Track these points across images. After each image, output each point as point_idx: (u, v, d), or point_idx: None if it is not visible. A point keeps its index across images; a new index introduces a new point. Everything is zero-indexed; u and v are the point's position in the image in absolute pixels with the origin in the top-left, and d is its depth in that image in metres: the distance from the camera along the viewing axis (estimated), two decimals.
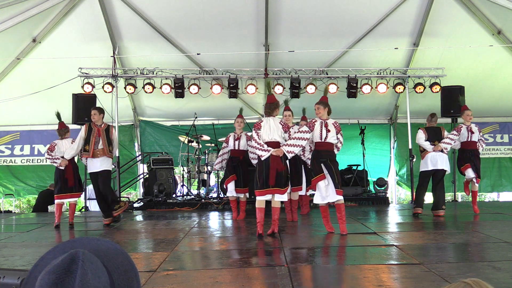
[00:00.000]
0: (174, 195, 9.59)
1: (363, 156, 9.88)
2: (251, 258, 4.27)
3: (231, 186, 7.14)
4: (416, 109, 10.18)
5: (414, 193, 8.02)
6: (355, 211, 7.69)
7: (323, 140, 5.37)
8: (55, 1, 8.29)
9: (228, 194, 7.34)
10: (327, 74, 9.54)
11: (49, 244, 5.33)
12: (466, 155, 6.99)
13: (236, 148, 7.10)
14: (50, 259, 0.73)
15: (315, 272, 3.79)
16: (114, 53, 9.15)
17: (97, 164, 6.48)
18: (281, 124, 5.40)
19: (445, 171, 6.73)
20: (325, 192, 5.32)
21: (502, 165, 11.36)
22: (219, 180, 9.31)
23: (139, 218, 7.81)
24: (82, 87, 8.96)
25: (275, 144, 5.30)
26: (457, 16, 8.76)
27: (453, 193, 10.20)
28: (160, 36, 9.14)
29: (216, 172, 9.42)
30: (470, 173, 6.93)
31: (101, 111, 6.73)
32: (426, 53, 9.46)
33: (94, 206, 10.37)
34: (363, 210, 7.99)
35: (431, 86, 9.36)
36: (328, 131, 5.38)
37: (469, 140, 6.97)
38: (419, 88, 9.41)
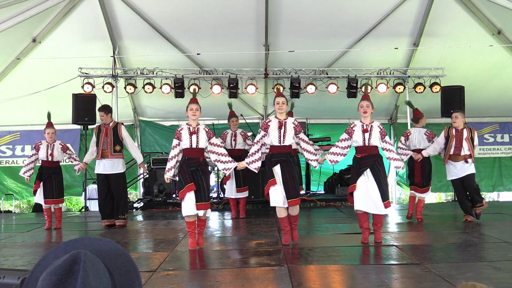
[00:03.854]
0: (174, 195, 9.59)
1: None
2: (251, 258, 4.27)
3: (229, 186, 7.12)
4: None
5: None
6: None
7: (280, 144, 4.72)
8: (55, 1, 8.28)
9: (226, 195, 7.33)
10: (327, 74, 9.54)
11: (49, 244, 5.33)
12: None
13: (233, 147, 7.04)
14: (51, 259, 0.73)
15: (315, 272, 3.79)
16: (114, 53, 9.15)
17: (106, 166, 6.31)
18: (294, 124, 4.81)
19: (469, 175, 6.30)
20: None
21: (503, 164, 11.37)
22: (219, 180, 9.31)
23: (139, 218, 7.81)
24: (82, 87, 8.96)
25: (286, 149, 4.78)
26: (457, 16, 8.76)
27: (453, 193, 10.20)
28: (160, 36, 9.14)
29: (216, 172, 9.42)
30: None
31: (108, 110, 6.51)
32: (426, 53, 9.46)
33: (94, 206, 10.37)
34: None
35: (431, 86, 9.36)
36: (285, 131, 4.72)
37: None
38: (419, 88, 9.42)
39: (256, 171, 4.99)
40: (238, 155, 6.95)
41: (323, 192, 10.65)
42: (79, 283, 0.65)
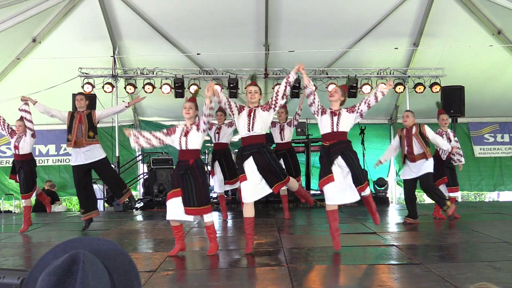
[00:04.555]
0: None
1: (363, 156, 9.87)
2: (251, 258, 4.27)
3: (217, 182, 6.98)
4: (416, 109, 10.13)
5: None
6: (355, 211, 7.68)
7: (249, 132, 4.38)
8: (55, 1, 8.29)
9: (215, 190, 7.23)
10: (327, 74, 9.55)
11: (49, 244, 5.33)
12: (443, 164, 6.49)
13: (217, 140, 6.84)
14: (50, 259, 0.73)
15: (315, 272, 3.79)
16: (114, 53, 9.15)
17: (85, 155, 5.90)
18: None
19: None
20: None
21: (503, 164, 11.38)
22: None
23: (139, 218, 7.81)
24: (82, 87, 8.96)
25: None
26: (457, 16, 8.76)
27: None
28: (160, 36, 9.14)
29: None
30: (446, 190, 6.53)
31: (87, 97, 6.24)
32: (426, 53, 9.46)
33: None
34: (363, 210, 7.97)
35: (431, 86, 9.37)
36: (254, 119, 4.36)
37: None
38: (419, 88, 9.42)
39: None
40: (222, 148, 6.81)
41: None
42: (78, 283, 0.65)
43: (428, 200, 15.61)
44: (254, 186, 4.34)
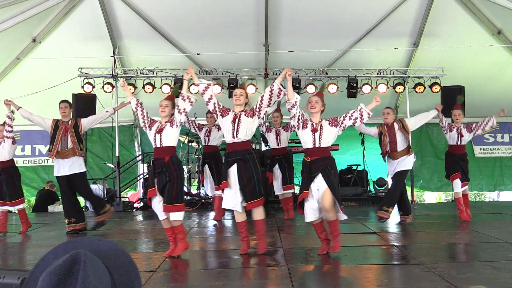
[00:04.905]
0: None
1: (363, 156, 9.88)
2: (251, 258, 4.27)
3: (208, 185, 6.93)
4: (416, 109, 10.13)
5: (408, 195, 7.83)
6: (355, 211, 7.69)
7: (234, 138, 4.27)
8: (55, 1, 8.29)
9: (208, 193, 7.17)
10: (327, 74, 9.55)
11: (49, 244, 5.33)
12: (454, 159, 6.46)
13: (207, 143, 6.77)
14: (51, 259, 0.73)
15: (315, 272, 3.79)
16: (114, 53, 9.15)
17: (66, 167, 5.73)
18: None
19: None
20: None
21: (504, 164, 11.39)
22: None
23: (139, 218, 7.81)
24: (82, 87, 8.96)
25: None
26: (457, 16, 8.76)
27: (453, 193, 10.20)
28: (160, 36, 9.14)
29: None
30: (457, 186, 6.42)
31: (70, 104, 6.07)
32: (426, 53, 9.46)
33: None
34: (363, 210, 7.99)
35: (431, 86, 9.36)
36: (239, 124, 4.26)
37: (458, 144, 6.47)
38: (419, 88, 9.42)
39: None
40: (212, 151, 6.74)
41: None
42: (79, 283, 0.65)
43: (428, 200, 15.62)
44: (233, 195, 4.25)
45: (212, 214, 7.77)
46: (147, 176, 9.96)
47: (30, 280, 0.73)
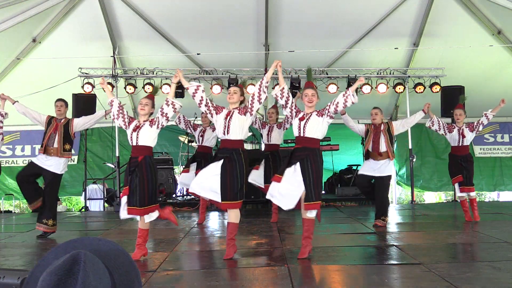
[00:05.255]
0: (174, 195, 9.60)
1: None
2: (251, 258, 4.27)
3: (184, 178, 6.73)
4: (416, 109, 10.11)
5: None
6: (355, 211, 7.69)
7: (225, 135, 4.23)
8: (55, 1, 8.29)
9: (179, 185, 6.99)
10: (327, 74, 9.55)
11: (49, 244, 5.33)
12: (457, 161, 6.32)
13: (200, 143, 6.71)
14: (51, 259, 0.73)
15: (315, 272, 3.79)
16: (114, 53, 9.15)
17: (46, 162, 5.62)
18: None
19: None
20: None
21: (504, 164, 11.38)
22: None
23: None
24: (82, 87, 8.96)
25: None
26: (457, 16, 8.76)
27: (453, 193, 10.20)
28: (160, 36, 9.14)
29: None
30: (458, 189, 6.39)
31: (66, 103, 5.92)
32: (426, 53, 9.46)
33: (94, 206, 10.38)
34: (363, 210, 7.99)
35: (431, 86, 9.36)
36: (230, 121, 4.20)
37: (460, 145, 6.30)
38: (419, 88, 9.42)
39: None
40: (204, 152, 6.66)
41: (323, 192, 10.65)
42: (79, 283, 0.65)
43: (428, 200, 15.62)
44: (206, 180, 4.13)
45: (211, 215, 7.78)
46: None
47: (30, 280, 0.73)
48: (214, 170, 4.13)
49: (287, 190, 4.02)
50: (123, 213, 4.18)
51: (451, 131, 6.33)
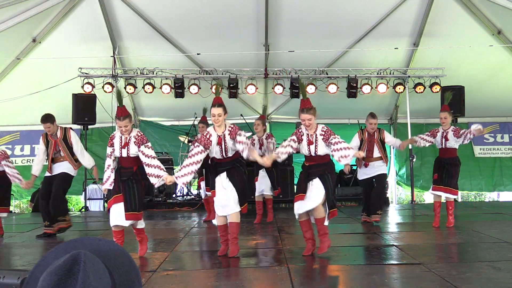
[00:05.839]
0: (174, 195, 9.59)
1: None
2: (251, 258, 4.27)
3: (203, 185, 6.91)
4: (416, 109, 10.18)
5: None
6: (355, 211, 7.69)
7: (223, 157, 4.33)
8: (55, 1, 8.28)
9: (202, 194, 7.13)
10: (327, 74, 9.55)
11: (49, 244, 5.33)
12: (440, 164, 6.02)
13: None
14: (51, 259, 0.73)
15: (315, 272, 3.79)
16: (114, 53, 9.15)
17: (57, 169, 5.70)
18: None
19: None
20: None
21: (503, 164, 11.36)
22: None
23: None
24: (82, 87, 8.96)
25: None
26: (457, 16, 8.76)
27: None
28: (160, 36, 9.14)
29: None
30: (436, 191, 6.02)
31: (52, 119, 5.72)
32: (426, 53, 9.46)
33: (94, 206, 10.37)
34: None
35: (431, 86, 9.36)
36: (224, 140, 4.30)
37: (443, 147, 5.97)
38: (419, 88, 9.42)
39: (184, 185, 4.68)
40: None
41: None
42: (79, 283, 0.65)
43: (428, 200, 15.62)
44: (221, 202, 4.28)
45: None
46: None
47: (30, 280, 0.73)
48: (225, 190, 4.23)
49: (310, 196, 4.19)
50: (119, 220, 4.26)
51: (435, 135, 6.14)
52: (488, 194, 14.00)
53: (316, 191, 4.16)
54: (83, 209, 9.55)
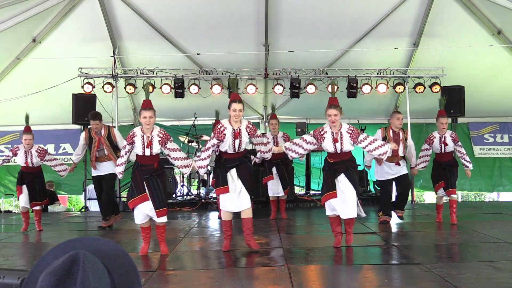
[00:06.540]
0: (174, 195, 9.59)
1: (363, 156, 9.87)
2: (251, 258, 4.27)
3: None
4: (416, 109, 10.17)
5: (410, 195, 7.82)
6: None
7: (235, 152, 4.54)
8: (55, 1, 8.28)
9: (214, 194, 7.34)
10: (327, 74, 9.55)
11: (49, 244, 5.33)
12: (440, 167, 6.22)
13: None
14: (51, 260, 0.73)
15: (315, 272, 3.79)
16: (114, 53, 9.14)
17: (102, 168, 6.13)
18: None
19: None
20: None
21: (503, 165, 11.35)
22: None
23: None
24: (82, 87, 8.95)
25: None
26: (457, 16, 8.76)
27: None
28: (160, 36, 9.14)
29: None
30: (439, 195, 6.35)
31: (101, 117, 6.24)
32: (426, 53, 9.45)
33: (94, 206, 10.37)
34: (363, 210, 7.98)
35: (431, 86, 9.36)
36: (241, 138, 4.54)
37: (442, 152, 6.16)
38: (419, 88, 9.42)
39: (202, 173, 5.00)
40: None
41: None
42: (79, 284, 0.65)
43: (428, 200, 15.61)
44: (234, 198, 4.49)
45: (211, 214, 7.79)
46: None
47: (30, 280, 0.73)
48: (235, 186, 4.45)
49: (346, 200, 4.44)
50: (149, 216, 4.42)
51: (432, 142, 6.23)
52: (488, 194, 13.99)
53: (348, 198, 4.40)
54: (83, 209, 9.55)
